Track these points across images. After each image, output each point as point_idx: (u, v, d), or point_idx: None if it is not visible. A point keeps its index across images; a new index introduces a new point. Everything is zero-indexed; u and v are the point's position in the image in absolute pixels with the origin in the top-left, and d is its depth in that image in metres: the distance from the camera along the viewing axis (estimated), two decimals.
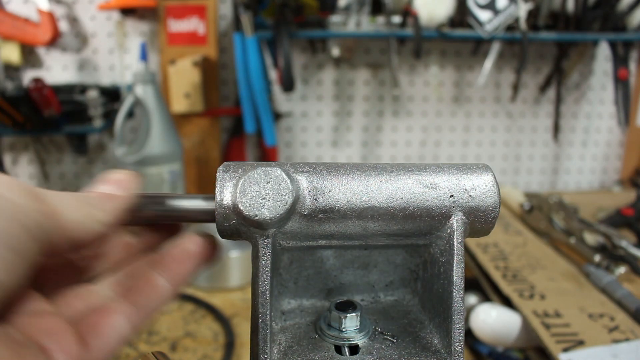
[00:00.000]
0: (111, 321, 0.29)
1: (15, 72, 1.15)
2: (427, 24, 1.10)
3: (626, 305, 0.70)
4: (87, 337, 0.28)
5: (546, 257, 0.87)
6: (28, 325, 0.26)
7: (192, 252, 0.32)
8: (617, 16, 1.15)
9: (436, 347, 0.33)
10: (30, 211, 0.24)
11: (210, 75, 1.17)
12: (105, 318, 0.29)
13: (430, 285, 0.36)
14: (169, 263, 0.32)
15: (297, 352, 0.33)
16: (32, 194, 0.25)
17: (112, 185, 0.30)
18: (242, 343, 0.78)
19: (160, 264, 0.32)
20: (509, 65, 1.34)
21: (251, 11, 1.03)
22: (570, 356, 0.60)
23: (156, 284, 0.31)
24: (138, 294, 0.31)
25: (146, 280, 0.31)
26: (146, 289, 0.31)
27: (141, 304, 0.30)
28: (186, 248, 0.32)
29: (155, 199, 0.33)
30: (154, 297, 0.31)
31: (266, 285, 0.31)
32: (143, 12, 1.16)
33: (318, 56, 1.27)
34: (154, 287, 0.31)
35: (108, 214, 0.29)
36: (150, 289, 0.31)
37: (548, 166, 1.46)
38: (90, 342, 0.28)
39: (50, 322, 0.27)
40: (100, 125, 1.09)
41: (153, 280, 0.31)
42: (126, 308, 0.30)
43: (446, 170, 0.33)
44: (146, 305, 0.30)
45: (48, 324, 0.27)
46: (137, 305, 0.30)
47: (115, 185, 0.31)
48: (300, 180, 0.31)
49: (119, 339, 0.29)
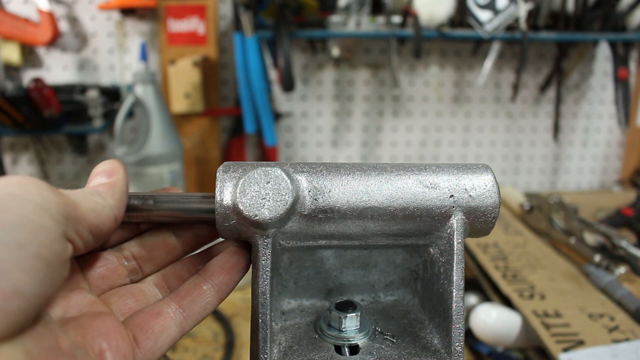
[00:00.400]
0: (163, 323, 0.30)
1: (15, 72, 1.15)
2: (427, 24, 1.10)
3: (626, 305, 0.70)
4: (138, 337, 0.29)
5: (546, 257, 0.87)
6: (88, 327, 0.27)
7: (237, 262, 0.33)
8: (617, 16, 1.15)
9: (436, 347, 0.33)
10: (56, 204, 0.24)
11: (210, 75, 1.17)
12: (157, 319, 0.30)
13: (430, 285, 0.36)
14: (215, 271, 0.33)
15: (297, 352, 0.33)
16: (52, 188, 0.25)
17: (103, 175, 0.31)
18: (242, 343, 0.78)
19: (207, 271, 0.33)
20: (509, 65, 1.34)
21: (251, 11, 1.03)
22: (570, 356, 0.60)
23: (203, 290, 0.32)
24: (186, 298, 0.32)
25: (194, 285, 0.32)
26: (194, 294, 0.32)
27: (189, 308, 0.31)
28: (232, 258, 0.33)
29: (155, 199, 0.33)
30: (201, 303, 0.32)
31: (266, 285, 0.31)
32: (143, 12, 1.16)
33: (318, 56, 1.27)
34: (201, 293, 0.32)
35: (116, 200, 0.30)
36: (198, 295, 0.32)
37: (548, 166, 1.46)
38: (142, 342, 0.29)
39: (108, 323, 0.28)
40: (100, 125, 1.09)
41: (200, 287, 0.32)
42: (176, 311, 0.31)
43: (446, 170, 0.33)
44: (194, 310, 0.31)
45: (106, 325, 0.28)
46: (185, 309, 0.31)
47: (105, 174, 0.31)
48: (300, 180, 0.31)
49: (170, 341, 0.30)
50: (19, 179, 0.24)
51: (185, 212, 0.33)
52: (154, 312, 0.31)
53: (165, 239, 0.34)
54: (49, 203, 0.24)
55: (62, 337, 0.25)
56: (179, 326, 0.31)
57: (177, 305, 0.31)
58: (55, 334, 0.25)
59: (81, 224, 0.26)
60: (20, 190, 0.24)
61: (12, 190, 0.23)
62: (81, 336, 0.26)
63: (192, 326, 0.31)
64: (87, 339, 0.26)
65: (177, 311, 0.31)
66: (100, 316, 0.28)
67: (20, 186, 0.24)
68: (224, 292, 0.33)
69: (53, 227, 0.24)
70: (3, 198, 0.23)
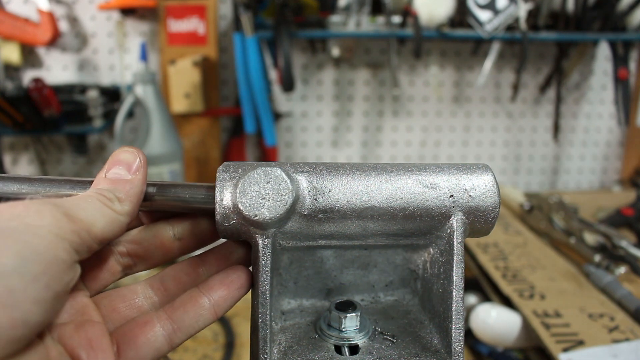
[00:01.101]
0: (149, 334, 0.29)
1: (15, 72, 1.15)
2: (427, 24, 1.10)
3: (626, 305, 0.70)
4: (122, 349, 0.29)
5: (546, 257, 0.87)
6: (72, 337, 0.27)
7: (237, 278, 0.32)
8: (617, 16, 1.15)
9: (436, 347, 0.33)
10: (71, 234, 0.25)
11: (210, 75, 1.17)
12: (144, 331, 0.30)
13: (430, 285, 0.36)
14: (214, 285, 0.32)
15: (297, 352, 0.33)
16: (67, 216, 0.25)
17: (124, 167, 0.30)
18: (242, 343, 0.78)
19: (207, 285, 0.32)
20: (509, 65, 1.34)
21: (251, 11, 1.03)
22: (570, 356, 0.60)
23: (200, 303, 0.31)
24: (180, 310, 0.31)
25: (189, 297, 0.31)
26: (189, 306, 0.31)
27: (181, 321, 0.31)
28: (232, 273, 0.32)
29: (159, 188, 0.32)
30: (195, 317, 0.31)
31: (266, 285, 0.31)
32: (143, 12, 1.16)
33: (318, 56, 1.27)
34: (197, 306, 0.31)
35: (133, 206, 0.30)
36: (193, 308, 0.31)
37: (548, 166, 1.46)
38: (125, 353, 0.28)
39: (93, 335, 0.28)
40: (100, 125, 1.09)
41: (197, 299, 0.31)
42: (166, 323, 0.30)
43: (446, 170, 0.33)
44: (186, 323, 0.31)
45: (90, 337, 0.28)
46: (177, 321, 0.30)
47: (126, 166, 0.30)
48: (300, 180, 0.31)
49: (154, 354, 0.29)
50: (37, 207, 0.25)
51: (186, 203, 0.32)
52: (142, 321, 0.30)
53: (162, 240, 0.33)
54: (65, 233, 0.25)
55: (51, 347, 0.25)
56: (167, 338, 0.30)
57: (168, 316, 0.30)
58: (47, 344, 0.25)
59: (95, 241, 0.27)
60: (37, 220, 0.24)
61: (30, 221, 0.24)
62: (64, 345, 0.27)
63: (183, 339, 0.31)
64: (68, 349, 0.26)
65: (167, 322, 0.30)
66: (85, 325, 0.28)
67: (37, 215, 0.24)
68: (221, 308, 0.31)
69: (67, 259, 0.24)
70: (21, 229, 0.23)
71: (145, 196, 0.31)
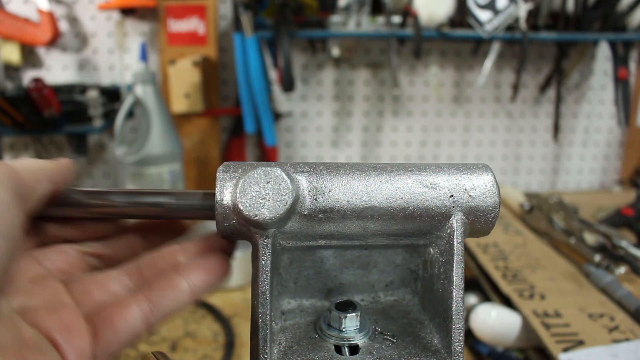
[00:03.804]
0: (125, 315, 0.29)
1: (15, 72, 1.15)
2: (427, 24, 1.10)
3: (626, 305, 0.70)
4: (99, 330, 0.28)
5: (546, 257, 0.87)
6: (45, 320, 0.27)
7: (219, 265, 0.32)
8: (617, 16, 1.15)
9: (436, 347, 0.33)
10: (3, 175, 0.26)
11: (210, 75, 1.17)
12: (120, 311, 0.29)
13: (430, 285, 0.36)
14: (195, 269, 0.32)
15: (297, 352, 0.33)
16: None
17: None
18: (242, 343, 0.78)
19: (186, 268, 0.32)
20: (509, 65, 1.34)
21: (251, 11, 1.03)
22: (570, 356, 0.60)
23: (178, 285, 0.31)
24: (157, 291, 0.31)
25: (168, 279, 0.31)
26: (166, 288, 0.31)
27: (158, 302, 0.30)
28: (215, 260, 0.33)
29: (155, 196, 0.33)
30: (172, 298, 0.31)
31: (266, 285, 0.31)
32: (143, 12, 1.16)
33: (318, 56, 1.27)
34: (175, 288, 0.31)
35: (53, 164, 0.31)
36: (170, 289, 0.31)
37: (548, 166, 1.46)
38: (102, 334, 0.28)
39: (67, 317, 0.28)
40: (100, 125, 1.09)
41: (175, 282, 0.31)
42: (142, 304, 0.30)
43: (446, 170, 0.33)
44: (163, 304, 0.30)
45: (64, 319, 0.27)
46: (154, 302, 0.30)
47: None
48: (300, 180, 0.31)
49: (131, 335, 0.29)
50: None
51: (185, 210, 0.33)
52: (118, 303, 0.30)
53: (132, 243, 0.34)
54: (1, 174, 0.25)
55: (25, 328, 0.25)
56: (144, 319, 0.30)
57: (145, 296, 0.30)
58: (18, 325, 0.25)
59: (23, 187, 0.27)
60: None
61: None
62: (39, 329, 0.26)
63: (159, 320, 0.30)
64: (43, 333, 0.26)
65: (144, 303, 0.30)
66: (59, 308, 0.28)
67: None
68: (199, 290, 0.31)
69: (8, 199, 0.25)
70: None
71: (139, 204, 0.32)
